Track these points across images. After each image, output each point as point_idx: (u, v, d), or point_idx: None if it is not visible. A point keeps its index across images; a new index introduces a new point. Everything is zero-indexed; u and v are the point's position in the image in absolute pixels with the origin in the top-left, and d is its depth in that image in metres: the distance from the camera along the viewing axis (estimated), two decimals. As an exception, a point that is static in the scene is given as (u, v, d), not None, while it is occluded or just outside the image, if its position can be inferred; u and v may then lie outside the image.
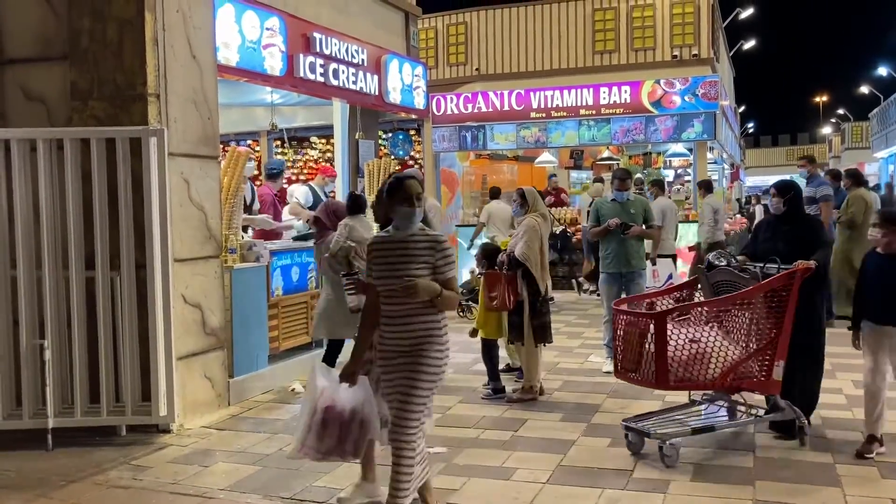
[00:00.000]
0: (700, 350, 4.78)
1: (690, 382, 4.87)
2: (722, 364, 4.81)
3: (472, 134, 16.25)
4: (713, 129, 14.87)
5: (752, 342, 4.93)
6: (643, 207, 7.53)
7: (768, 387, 4.98)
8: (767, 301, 4.92)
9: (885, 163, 35.40)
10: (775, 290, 4.90)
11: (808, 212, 9.32)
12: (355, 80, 8.88)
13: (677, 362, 4.75)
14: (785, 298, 4.89)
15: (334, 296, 6.09)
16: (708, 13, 15.77)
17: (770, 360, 4.92)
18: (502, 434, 5.46)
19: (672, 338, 4.77)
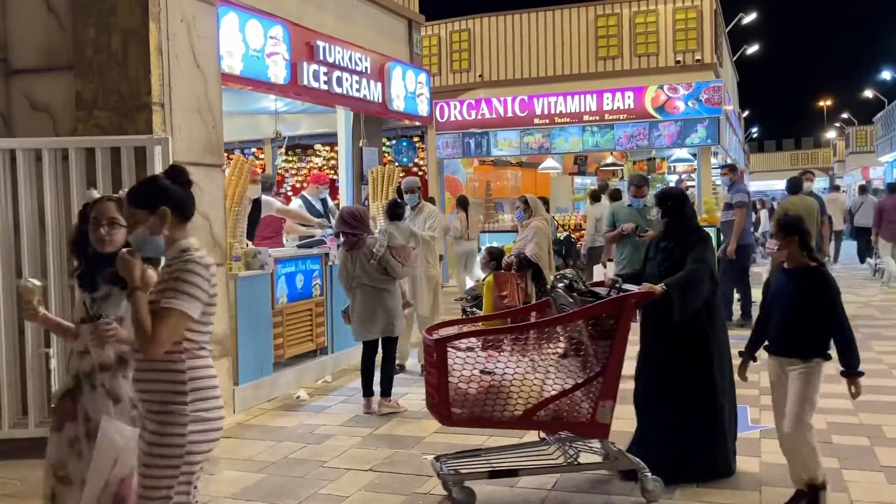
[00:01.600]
0: (497, 384, 4.15)
1: (485, 420, 4.20)
2: (525, 401, 4.14)
3: (475, 140, 16.27)
4: (717, 134, 14.87)
5: (572, 377, 4.24)
6: None
7: (591, 430, 4.25)
8: (592, 331, 4.23)
9: (889, 166, 35.31)
10: (600, 319, 4.21)
11: (725, 219, 9.73)
12: (359, 88, 8.91)
13: (462, 396, 4.12)
14: (613, 329, 4.17)
15: (370, 298, 6.17)
16: (710, 18, 15.78)
17: (595, 400, 4.19)
18: (508, 440, 5.44)
19: (456, 368, 4.14)
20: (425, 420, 6.03)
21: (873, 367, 7.41)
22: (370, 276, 6.10)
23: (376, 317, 6.17)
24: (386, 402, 6.20)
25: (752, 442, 5.24)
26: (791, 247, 4.06)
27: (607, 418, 4.21)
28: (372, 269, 6.08)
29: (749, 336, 4.32)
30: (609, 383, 4.17)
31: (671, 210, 4.68)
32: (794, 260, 4.07)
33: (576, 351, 4.28)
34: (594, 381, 4.15)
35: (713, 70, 15.76)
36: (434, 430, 5.73)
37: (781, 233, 4.10)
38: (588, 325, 4.19)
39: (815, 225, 9.83)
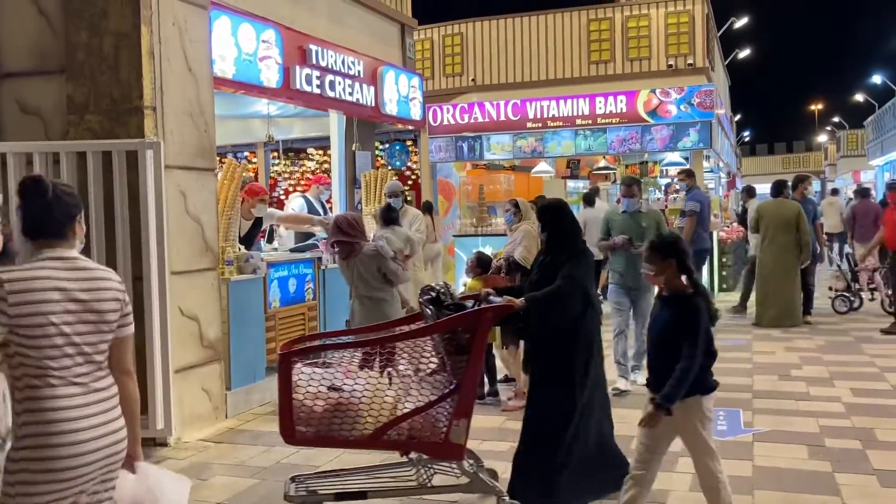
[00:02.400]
0: (345, 401, 3.89)
1: (332, 439, 3.96)
2: (375, 419, 3.89)
3: (468, 144, 16.27)
4: (709, 138, 14.90)
5: (426, 395, 3.97)
6: (656, 220, 7.11)
7: (444, 451, 3.97)
8: (448, 346, 3.97)
9: (880, 170, 35.48)
10: (455, 333, 3.95)
11: (680, 224, 9.87)
12: (352, 92, 8.91)
13: (308, 414, 3.87)
14: (469, 344, 3.89)
15: (369, 309, 5.97)
16: (702, 23, 15.85)
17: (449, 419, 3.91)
18: (500, 444, 5.44)
19: (301, 384, 3.89)
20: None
21: (865, 370, 7.45)
22: (368, 286, 5.89)
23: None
24: None
25: (744, 445, 5.25)
26: (668, 271, 3.63)
27: (461, 438, 3.91)
28: (370, 277, 5.88)
29: None
30: (464, 401, 3.87)
31: (549, 223, 4.41)
32: (670, 286, 3.68)
33: (443, 367, 4.04)
34: (448, 398, 3.87)
35: (705, 74, 15.82)
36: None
37: (657, 255, 3.67)
38: (444, 339, 3.93)
39: (792, 230, 9.89)
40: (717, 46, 20.42)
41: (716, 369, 7.33)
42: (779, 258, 9.99)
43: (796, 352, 8.43)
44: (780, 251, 9.97)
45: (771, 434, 5.48)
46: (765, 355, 8.30)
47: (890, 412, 5.96)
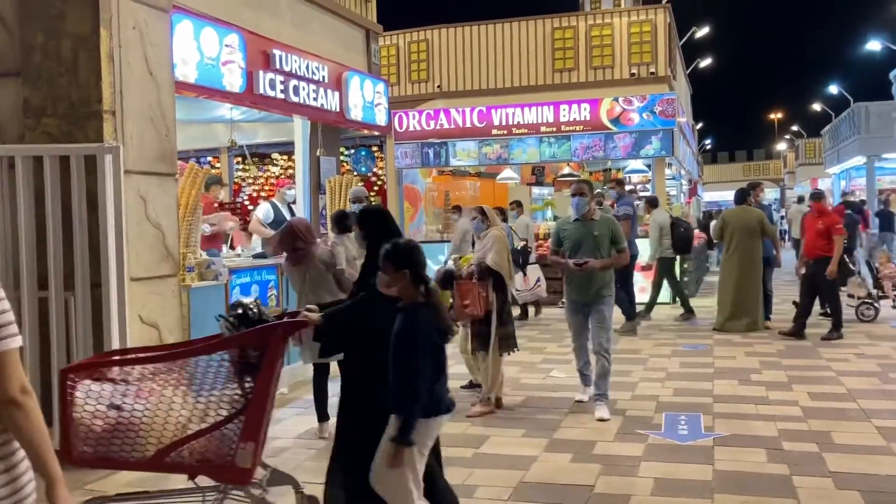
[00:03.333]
0: (125, 420, 3.61)
1: (113, 461, 3.67)
2: (158, 440, 3.61)
3: (434, 150, 16.29)
4: (671, 146, 15.11)
5: (221, 415, 3.69)
6: (609, 228, 6.52)
7: (228, 475, 3.70)
8: (240, 364, 3.74)
9: (836, 178, 36.23)
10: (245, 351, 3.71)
11: None
12: (316, 97, 8.87)
13: (86, 433, 3.59)
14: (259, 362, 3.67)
15: None
16: (664, 32, 16.06)
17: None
18: (464, 451, 5.45)
19: (79, 402, 3.59)
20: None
21: (822, 374, 7.59)
22: (318, 294, 5.74)
23: None
24: None
25: (705, 450, 5.31)
26: (402, 281, 3.44)
27: (248, 462, 3.65)
28: (323, 284, 5.82)
29: None
30: (251, 423, 3.62)
31: (370, 230, 4.07)
32: (408, 295, 3.47)
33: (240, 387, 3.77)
34: (234, 419, 3.64)
35: (667, 83, 16.02)
36: (391, 442, 5.70)
37: (390, 264, 3.46)
38: (237, 357, 3.69)
39: (756, 236, 10.11)
40: (679, 56, 20.71)
41: (678, 374, 7.40)
42: (743, 264, 10.16)
43: (756, 356, 8.56)
44: (745, 257, 10.15)
45: (731, 438, 5.55)
46: (726, 360, 8.41)
47: (846, 415, 6.07)
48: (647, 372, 7.88)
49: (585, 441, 5.59)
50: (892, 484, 4.58)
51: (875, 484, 4.58)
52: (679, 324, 11.12)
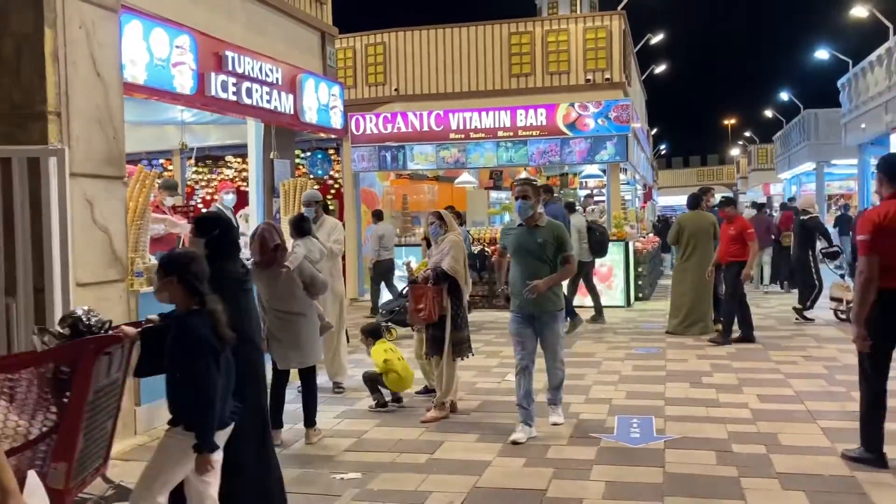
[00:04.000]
0: None
1: None
2: None
3: (391, 154, 16.26)
4: (625, 151, 15.28)
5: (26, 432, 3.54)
6: (554, 235, 5.86)
7: None
8: (54, 381, 3.59)
9: (787, 183, 37.08)
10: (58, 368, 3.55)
11: None
12: (269, 99, 8.78)
13: None
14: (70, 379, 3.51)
15: (286, 324, 5.82)
16: (619, 38, 16.24)
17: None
18: (418, 457, 5.43)
19: None
20: (336, 438, 5.96)
21: (771, 376, 7.73)
22: (284, 300, 5.76)
23: (294, 345, 5.81)
24: (315, 433, 5.90)
25: (656, 452, 5.36)
26: (170, 288, 3.45)
27: (60, 483, 3.49)
28: (290, 290, 5.76)
29: None
30: (64, 442, 3.45)
31: (211, 243, 3.95)
32: (181, 303, 3.46)
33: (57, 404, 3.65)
34: (46, 439, 3.47)
35: (622, 89, 16.21)
36: (344, 449, 5.66)
37: (160, 271, 3.52)
38: (51, 373, 3.53)
39: (711, 240, 10.29)
40: (633, 62, 20.97)
41: (631, 377, 7.47)
42: (698, 268, 10.31)
43: (708, 359, 8.68)
44: (700, 261, 10.31)
45: (682, 441, 5.62)
46: (678, 363, 8.52)
47: (793, 417, 6.19)
48: (600, 375, 7.94)
49: (539, 445, 5.60)
50: (836, 484, 4.67)
51: (819, 484, 4.67)
52: (633, 327, 11.24)
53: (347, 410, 6.80)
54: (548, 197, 11.30)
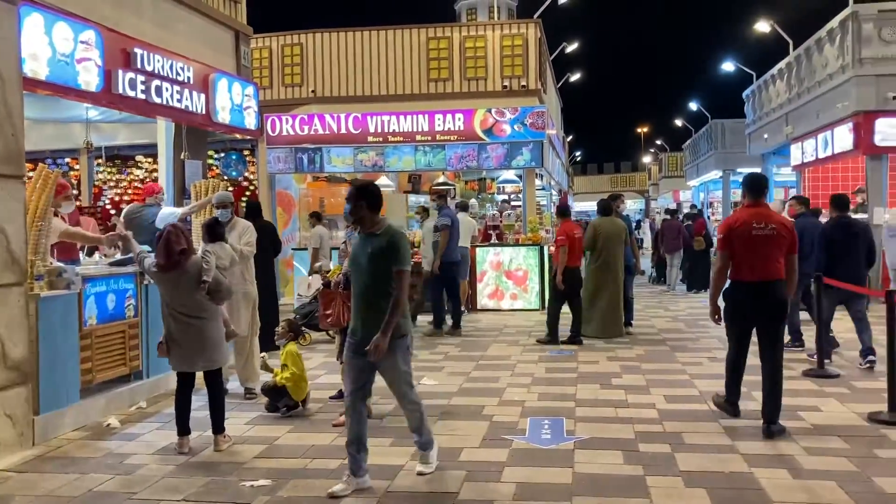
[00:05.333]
0: None
1: None
2: None
3: (308, 156, 16.08)
4: (541, 157, 15.55)
5: None
6: (389, 242, 4.77)
7: None
8: None
9: (696, 191, 38.40)
10: None
11: (434, 239, 10.91)
12: (180, 98, 8.56)
13: None
14: None
15: (190, 328, 5.67)
16: (535, 46, 16.51)
17: None
18: (330, 462, 5.37)
19: None
20: (246, 445, 5.85)
21: (678, 377, 7.98)
22: (188, 304, 5.61)
23: (199, 348, 5.68)
24: (223, 439, 5.76)
25: (566, 453, 5.46)
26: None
27: None
28: (193, 294, 5.61)
29: None
30: None
31: None
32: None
33: None
34: None
35: (538, 96, 16.48)
36: (254, 456, 5.55)
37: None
38: None
39: (622, 245, 10.60)
40: (549, 70, 21.36)
41: (544, 379, 7.63)
42: (610, 272, 10.59)
43: (618, 361, 8.90)
44: (613, 265, 10.58)
45: (591, 441, 5.74)
46: (589, 365, 8.71)
47: (697, 416, 6.40)
48: (514, 378, 8.04)
49: (452, 448, 5.63)
50: (736, 480, 4.86)
51: (721, 481, 4.84)
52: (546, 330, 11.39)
53: (259, 416, 6.68)
54: (441, 202, 11.55)
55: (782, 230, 6.04)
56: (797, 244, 6.13)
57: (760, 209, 6.16)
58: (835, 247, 8.22)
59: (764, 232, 6.00)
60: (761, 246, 5.99)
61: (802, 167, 17.52)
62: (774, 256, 6.00)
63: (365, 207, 4.82)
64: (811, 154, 16.37)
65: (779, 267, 6.01)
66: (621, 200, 11.62)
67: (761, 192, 6.26)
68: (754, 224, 6.02)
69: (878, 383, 6.58)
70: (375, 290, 4.78)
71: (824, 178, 17.84)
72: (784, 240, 6.02)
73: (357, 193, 4.84)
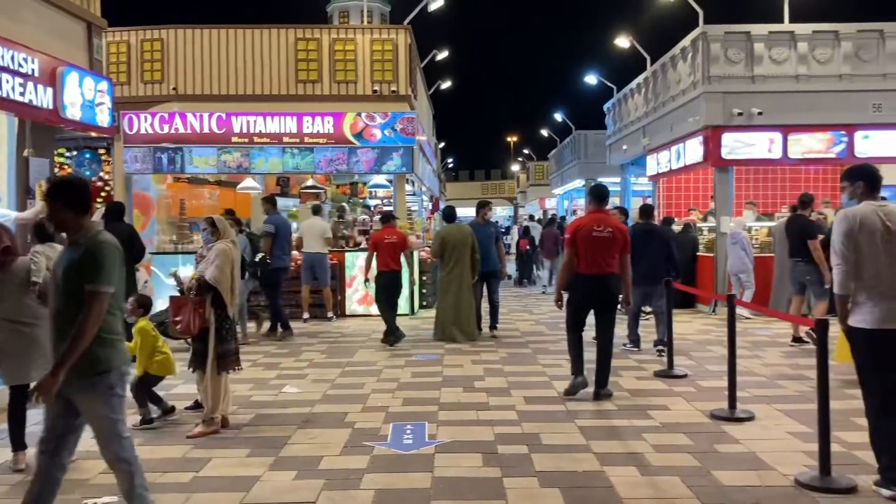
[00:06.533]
0: None
1: None
2: None
3: (168, 156, 15.44)
4: (411, 163, 15.60)
5: None
6: (86, 254, 3.71)
7: None
8: None
9: (560, 199, 39.69)
10: None
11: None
12: (23, 92, 8.00)
13: None
14: None
15: (20, 335, 5.29)
16: (406, 52, 16.56)
17: None
18: (182, 476, 5.14)
19: None
20: (94, 459, 5.50)
21: (538, 379, 8.18)
22: (16, 309, 5.24)
23: (33, 356, 5.30)
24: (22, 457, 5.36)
25: (426, 458, 5.46)
26: None
27: None
28: (21, 298, 5.24)
29: None
30: None
31: None
32: None
33: None
34: None
35: (408, 101, 16.52)
36: (101, 471, 5.23)
37: None
38: None
39: (469, 251, 10.79)
40: (420, 76, 21.49)
41: (409, 384, 7.65)
42: (463, 277, 10.80)
43: (482, 364, 9.03)
44: (463, 270, 10.82)
45: (451, 444, 5.77)
46: (454, 368, 8.79)
47: (555, 417, 6.58)
48: (379, 383, 8.00)
49: (312, 457, 5.52)
50: (589, 479, 5.01)
51: (574, 480, 4.98)
52: (416, 335, 11.44)
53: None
54: (269, 207, 11.71)
55: (617, 233, 7.24)
56: (629, 245, 7.37)
57: (601, 215, 7.36)
58: (636, 248, 8.99)
59: (602, 234, 7.18)
60: (599, 246, 7.18)
61: (658, 177, 18.42)
62: (609, 255, 7.22)
63: (63, 208, 3.78)
64: (666, 165, 17.23)
65: (612, 263, 7.23)
66: (489, 208, 11.85)
67: (602, 200, 7.46)
68: (594, 227, 7.20)
69: (722, 382, 6.98)
70: (66, 316, 3.68)
71: (678, 188, 18.86)
72: (618, 241, 7.25)
73: (52, 191, 3.85)
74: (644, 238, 9.71)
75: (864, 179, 4.76)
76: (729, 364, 6.57)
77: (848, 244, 4.62)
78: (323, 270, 12.90)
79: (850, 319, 4.71)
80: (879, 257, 4.59)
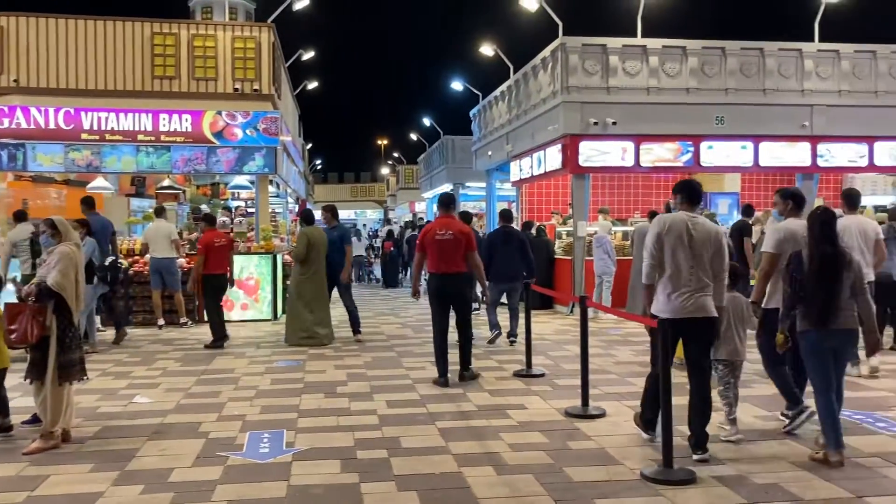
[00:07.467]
0: None
1: None
2: None
3: (8, 152, 14.42)
4: (274, 164, 15.28)
5: None
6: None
7: None
8: None
9: (430, 202, 40.02)
10: None
11: None
12: None
13: None
14: None
15: None
16: (269, 51, 16.17)
17: None
18: (16, 495, 4.77)
19: None
20: (49, 465, 5.08)
21: (401, 382, 8.19)
22: None
23: None
24: None
25: (283, 466, 5.33)
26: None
27: None
28: None
29: None
30: None
31: None
32: None
33: None
34: None
35: (271, 101, 16.14)
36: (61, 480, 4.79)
37: None
38: None
39: (325, 251, 10.90)
40: (285, 75, 21.06)
41: (268, 391, 7.49)
42: (322, 280, 10.86)
43: (345, 369, 8.94)
44: (322, 274, 10.85)
45: (310, 452, 5.66)
46: (316, 374, 8.65)
47: (415, 420, 6.59)
48: (237, 391, 7.76)
49: (161, 469, 5.27)
50: (446, 481, 5.04)
51: (432, 482, 5.00)
52: (277, 341, 11.18)
53: (-70, 449, 5.80)
54: (83, 208, 11.14)
55: (459, 235, 8.08)
56: (474, 244, 8.20)
57: (446, 219, 8.27)
58: (495, 249, 10.73)
59: (445, 237, 8.05)
60: (443, 247, 8.04)
61: (521, 183, 18.90)
62: (456, 255, 8.05)
63: None
64: (528, 171, 17.70)
65: (458, 262, 8.08)
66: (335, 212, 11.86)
67: (448, 206, 8.40)
68: (438, 231, 8.10)
69: (576, 381, 7.21)
70: None
71: (539, 194, 19.44)
72: (461, 242, 8.06)
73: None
74: (503, 239, 10.86)
75: (684, 193, 5.53)
76: (582, 363, 6.80)
77: (657, 244, 5.40)
78: (171, 275, 12.39)
79: (652, 307, 5.53)
80: (679, 256, 5.32)
